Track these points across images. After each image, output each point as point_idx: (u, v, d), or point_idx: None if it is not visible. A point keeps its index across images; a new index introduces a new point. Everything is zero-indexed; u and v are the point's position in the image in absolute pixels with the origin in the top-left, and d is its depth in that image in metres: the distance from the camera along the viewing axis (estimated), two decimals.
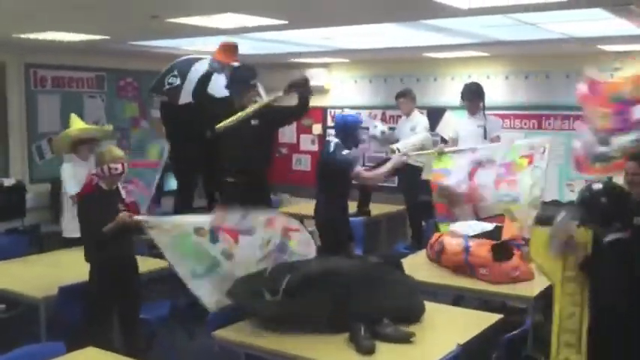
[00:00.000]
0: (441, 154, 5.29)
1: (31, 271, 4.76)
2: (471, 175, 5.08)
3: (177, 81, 5.65)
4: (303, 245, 3.90)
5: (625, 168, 3.38)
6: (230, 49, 5.72)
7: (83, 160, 5.31)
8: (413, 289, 3.70)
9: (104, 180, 4.02)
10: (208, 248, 3.64)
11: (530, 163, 4.80)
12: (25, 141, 6.82)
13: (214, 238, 3.64)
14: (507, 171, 4.87)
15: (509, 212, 4.75)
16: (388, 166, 5.10)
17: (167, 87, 5.67)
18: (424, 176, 5.53)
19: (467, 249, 4.40)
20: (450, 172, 5.21)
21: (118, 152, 4.05)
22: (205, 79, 5.58)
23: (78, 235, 4.91)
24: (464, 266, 4.39)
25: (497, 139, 5.94)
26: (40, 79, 6.90)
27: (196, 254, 3.65)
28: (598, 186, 3.30)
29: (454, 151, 5.38)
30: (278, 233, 3.77)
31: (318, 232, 5.05)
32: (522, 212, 4.84)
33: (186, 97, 5.61)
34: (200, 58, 5.88)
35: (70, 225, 5.28)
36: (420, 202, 6.83)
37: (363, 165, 6.90)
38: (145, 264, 4.62)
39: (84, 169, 5.24)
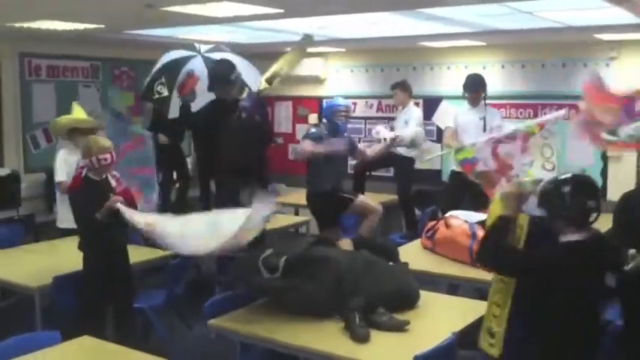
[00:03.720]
0: (458, 150, 5.23)
1: (26, 260, 4.76)
2: (494, 151, 5.06)
3: (166, 91, 5.69)
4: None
5: None
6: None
7: (77, 147, 5.30)
8: (404, 275, 3.73)
9: (93, 171, 3.98)
10: None
11: (541, 128, 4.80)
12: (19, 130, 6.79)
13: None
14: (524, 141, 4.86)
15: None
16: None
17: (156, 96, 5.77)
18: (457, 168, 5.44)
19: (474, 235, 4.31)
20: (477, 159, 5.18)
21: (105, 142, 3.99)
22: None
23: (71, 225, 4.92)
24: (464, 252, 4.32)
25: (499, 129, 5.92)
26: (34, 68, 6.86)
27: None
28: (566, 175, 3.09)
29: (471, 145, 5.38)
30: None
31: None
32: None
33: (175, 112, 5.70)
34: (190, 57, 5.85)
35: (63, 215, 5.27)
36: (413, 192, 6.85)
37: None
38: (141, 253, 4.62)
39: (77, 156, 5.23)
